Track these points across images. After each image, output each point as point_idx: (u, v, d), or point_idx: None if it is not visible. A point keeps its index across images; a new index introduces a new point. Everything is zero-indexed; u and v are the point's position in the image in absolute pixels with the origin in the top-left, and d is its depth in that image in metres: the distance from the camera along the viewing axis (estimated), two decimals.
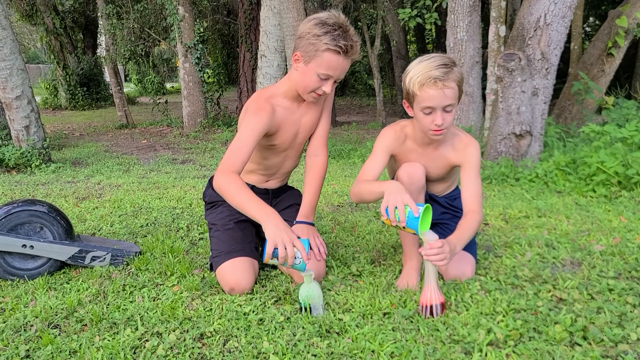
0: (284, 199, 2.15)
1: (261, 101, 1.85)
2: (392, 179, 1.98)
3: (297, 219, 1.97)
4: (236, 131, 1.86)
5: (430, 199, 2.02)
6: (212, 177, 2.20)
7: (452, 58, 1.76)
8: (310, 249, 1.83)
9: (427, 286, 1.61)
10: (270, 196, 2.11)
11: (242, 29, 9.29)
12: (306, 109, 1.97)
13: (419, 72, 1.69)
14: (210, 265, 1.93)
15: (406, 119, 1.95)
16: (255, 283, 1.88)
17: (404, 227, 1.62)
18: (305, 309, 1.62)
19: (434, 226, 1.93)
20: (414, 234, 1.62)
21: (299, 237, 1.61)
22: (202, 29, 7.91)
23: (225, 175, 1.67)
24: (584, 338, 1.45)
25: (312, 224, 1.99)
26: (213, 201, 2.11)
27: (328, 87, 1.79)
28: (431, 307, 1.59)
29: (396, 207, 1.57)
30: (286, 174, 2.14)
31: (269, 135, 1.89)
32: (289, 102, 1.92)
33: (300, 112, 1.96)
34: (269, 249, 1.53)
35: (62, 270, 2.05)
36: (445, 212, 2.05)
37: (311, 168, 2.03)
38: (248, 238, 1.95)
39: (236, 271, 1.80)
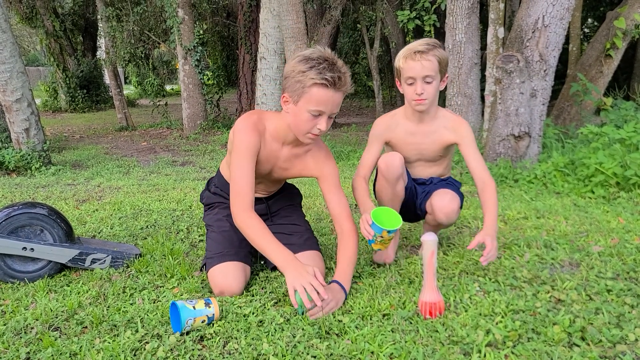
0: (278, 200, 2.15)
1: (251, 122, 1.81)
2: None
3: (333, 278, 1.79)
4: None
5: (426, 184, 2.18)
6: (210, 179, 2.21)
7: (439, 42, 1.95)
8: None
9: (426, 286, 1.62)
10: (265, 200, 2.11)
11: (242, 31, 9.30)
12: (287, 154, 1.90)
13: (405, 49, 1.94)
14: (204, 265, 1.94)
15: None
16: (251, 286, 1.89)
17: (381, 238, 1.80)
18: (303, 313, 1.62)
19: (423, 199, 2.14)
20: (388, 233, 1.79)
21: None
22: (201, 31, 7.93)
23: (244, 213, 1.73)
24: (583, 339, 1.46)
25: (345, 291, 1.75)
26: (210, 203, 2.12)
27: (323, 124, 1.71)
28: (430, 307, 1.60)
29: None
30: (268, 192, 2.12)
31: None
32: (272, 140, 1.86)
33: (282, 153, 1.89)
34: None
35: (63, 273, 2.06)
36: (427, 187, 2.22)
37: (341, 244, 1.86)
38: (243, 242, 1.95)
39: (227, 275, 1.81)
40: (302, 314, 1.62)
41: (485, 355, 1.38)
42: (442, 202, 2.01)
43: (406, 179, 2.09)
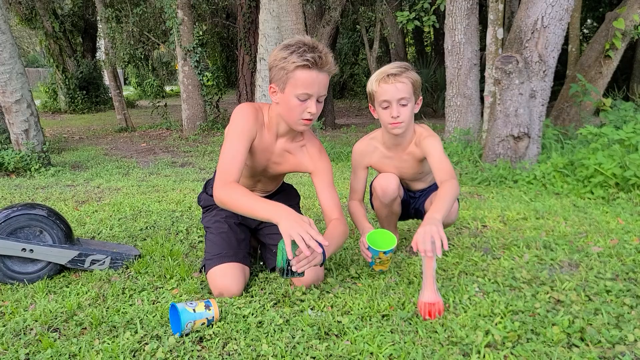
0: (277, 200, 2.14)
1: (251, 108, 1.82)
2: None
3: None
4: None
5: (413, 197, 2.25)
6: (207, 181, 2.21)
7: (410, 65, 1.98)
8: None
9: (426, 287, 1.62)
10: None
11: (241, 32, 9.31)
12: (283, 145, 1.90)
13: (377, 73, 1.96)
14: (203, 266, 1.94)
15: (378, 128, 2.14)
16: (250, 287, 1.89)
17: (380, 260, 1.90)
18: (284, 270, 1.61)
19: (421, 209, 2.24)
20: (384, 253, 1.87)
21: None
22: (201, 32, 7.94)
23: (224, 187, 1.68)
24: (582, 339, 1.46)
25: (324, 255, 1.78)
26: (208, 205, 2.12)
27: (313, 107, 1.72)
28: (429, 308, 1.60)
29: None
30: (266, 192, 2.12)
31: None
32: (267, 133, 1.87)
33: (276, 147, 1.90)
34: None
35: (62, 274, 2.06)
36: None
37: (328, 229, 1.87)
38: (241, 243, 1.95)
39: (226, 276, 1.81)
40: (286, 273, 1.61)
41: (484, 356, 1.39)
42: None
43: (402, 194, 2.18)
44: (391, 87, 1.89)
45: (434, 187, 2.18)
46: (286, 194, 2.19)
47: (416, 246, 1.59)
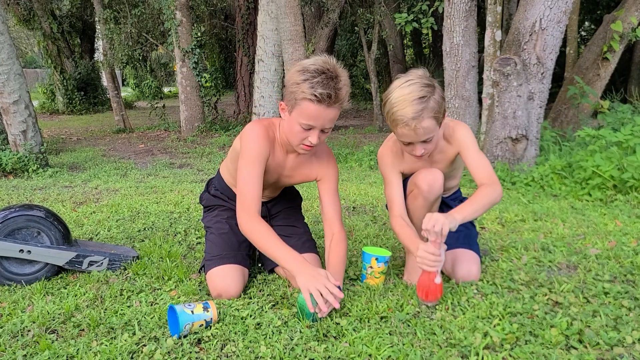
0: (277, 202, 2.15)
1: (262, 128, 1.80)
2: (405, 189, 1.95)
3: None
4: (234, 137, 1.85)
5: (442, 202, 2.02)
6: (209, 181, 2.21)
7: (430, 81, 1.68)
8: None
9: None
10: (264, 203, 2.11)
11: (240, 34, 9.31)
12: (293, 161, 1.90)
13: (393, 107, 1.66)
14: (203, 267, 1.94)
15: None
16: (249, 288, 1.89)
17: (371, 269, 1.87)
18: (314, 319, 1.60)
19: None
20: (377, 261, 1.86)
21: None
22: (199, 34, 7.94)
23: (250, 220, 1.70)
24: (580, 341, 1.46)
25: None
26: (210, 205, 2.12)
27: (314, 138, 1.68)
28: (427, 290, 1.60)
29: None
30: (270, 197, 2.12)
31: None
32: (278, 147, 1.86)
33: (287, 162, 1.89)
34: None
35: (60, 275, 2.05)
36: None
37: (331, 253, 1.86)
38: (242, 245, 1.95)
39: (226, 277, 1.81)
40: (312, 320, 1.59)
41: (482, 358, 1.38)
42: (466, 274, 1.88)
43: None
44: (412, 132, 1.65)
45: (461, 238, 1.96)
46: (289, 196, 2.19)
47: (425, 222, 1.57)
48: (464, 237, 1.97)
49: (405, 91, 1.64)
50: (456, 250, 1.93)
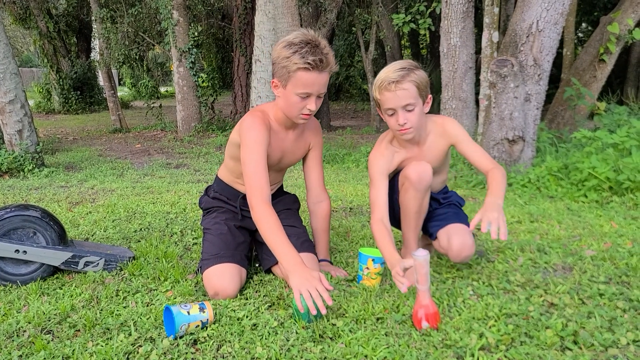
0: (276, 203, 2.15)
1: (258, 116, 1.86)
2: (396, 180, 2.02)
3: (319, 258, 2.08)
4: (229, 136, 1.88)
5: (431, 198, 2.06)
6: (208, 187, 2.21)
7: (415, 63, 1.85)
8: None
9: (420, 295, 1.58)
10: None
11: (237, 34, 9.31)
12: (293, 137, 1.97)
13: (378, 78, 1.84)
14: (200, 267, 1.93)
15: (386, 130, 2.04)
16: (245, 289, 1.89)
17: (368, 270, 1.88)
18: (309, 320, 1.60)
19: (433, 221, 2.06)
20: (373, 262, 1.87)
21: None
22: (196, 33, 7.92)
23: (263, 206, 1.74)
24: (575, 342, 1.46)
25: (330, 262, 2.14)
26: (209, 207, 2.12)
27: (312, 104, 1.78)
28: (425, 316, 1.57)
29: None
30: (271, 182, 2.13)
31: None
32: (278, 126, 1.93)
33: (288, 138, 1.96)
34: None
35: (55, 276, 2.05)
36: (438, 207, 2.11)
37: (316, 214, 2.09)
38: (240, 246, 1.95)
39: (224, 276, 1.81)
40: (308, 320, 1.59)
41: (478, 359, 1.39)
42: (461, 243, 1.91)
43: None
44: (393, 94, 1.79)
45: (450, 216, 2.03)
46: (287, 200, 2.20)
47: (482, 226, 1.63)
48: (453, 214, 2.06)
49: (390, 66, 1.84)
50: (449, 225, 1.99)
